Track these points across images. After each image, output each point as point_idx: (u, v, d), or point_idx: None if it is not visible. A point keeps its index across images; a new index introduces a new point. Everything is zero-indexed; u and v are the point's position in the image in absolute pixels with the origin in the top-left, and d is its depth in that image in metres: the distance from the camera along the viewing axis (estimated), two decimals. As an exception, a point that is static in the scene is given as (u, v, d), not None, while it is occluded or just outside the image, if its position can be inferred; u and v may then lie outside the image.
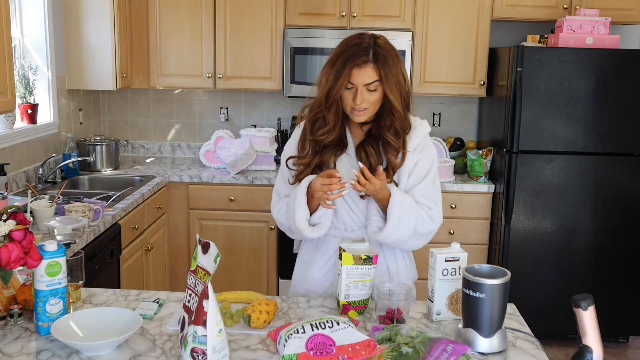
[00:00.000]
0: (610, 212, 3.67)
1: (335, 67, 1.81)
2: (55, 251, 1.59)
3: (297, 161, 1.94)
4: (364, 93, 1.81)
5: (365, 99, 1.81)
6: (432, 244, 2.00)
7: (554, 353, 3.63)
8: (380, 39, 1.84)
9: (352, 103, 1.83)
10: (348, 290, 1.76)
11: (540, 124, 3.59)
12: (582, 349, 1.39)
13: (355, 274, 1.75)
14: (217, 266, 1.35)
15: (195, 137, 4.47)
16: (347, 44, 1.84)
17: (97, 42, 3.67)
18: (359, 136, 1.95)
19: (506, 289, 1.54)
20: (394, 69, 1.81)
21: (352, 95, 1.82)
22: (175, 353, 1.52)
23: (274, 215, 2.03)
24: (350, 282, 1.75)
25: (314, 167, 1.91)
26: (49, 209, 2.58)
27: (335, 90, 1.81)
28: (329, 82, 1.82)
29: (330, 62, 1.85)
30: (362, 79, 1.80)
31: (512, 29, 4.21)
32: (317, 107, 1.88)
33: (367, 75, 1.79)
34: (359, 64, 1.78)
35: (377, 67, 1.79)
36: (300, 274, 2.08)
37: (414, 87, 4.00)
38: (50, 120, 3.61)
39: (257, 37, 3.98)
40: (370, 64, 1.79)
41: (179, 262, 3.91)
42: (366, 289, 1.77)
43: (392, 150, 1.89)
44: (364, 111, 1.84)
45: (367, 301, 1.79)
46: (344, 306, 1.77)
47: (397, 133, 1.88)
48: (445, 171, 3.83)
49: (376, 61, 1.79)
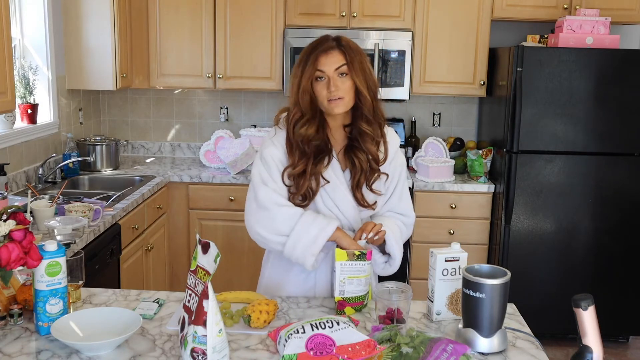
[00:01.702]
0: (610, 212, 3.67)
1: (302, 62, 1.86)
2: (55, 251, 1.59)
3: (292, 171, 1.89)
4: (337, 80, 1.83)
5: (338, 86, 1.83)
6: (432, 244, 2.01)
7: (554, 353, 3.63)
8: (343, 37, 1.90)
9: (327, 93, 1.83)
10: (343, 286, 1.77)
11: (540, 124, 3.59)
12: (582, 349, 1.39)
13: (349, 269, 1.77)
14: (217, 266, 1.35)
15: (195, 137, 4.47)
16: (312, 44, 1.89)
17: (97, 42, 3.67)
18: (340, 140, 1.96)
19: (506, 289, 1.54)
20: (359, 57, 1.86)
21: (326, 85, 1.84)
22: (175, 353, 1.52)
23: (252, 224, 1.90)
24: (344, 278, 1.76)
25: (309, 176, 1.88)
26: (49, 209, 2.58)
27: (306, 78, 1.84)
28: (297, 76, 1.86)
29: (297, 63, 1.90)
30: (330, 65, 1.83)
31: (512, 29, 4.21)
32: (293, 107, 1.90)
33: (334, 59, 1.83)
34: (325, 50, 1.84)
35: (342, 51, 1.84)
36: (277, 276, 2.04)
37: (414, 87, 4.00)
38: (50, 120, 3.61)
39: (257, 37, 3.98)
40: (336, 49, 1.84)
41: (179, 262, 3.91)
42: (362, 285, 1.78)
43: (369, 140, 1.91)
44: (339, 100, 1.84)
45: (363, 298, 1.79)
46: (340, 302, 1.77)
47: (368, 120, 1.90)
48: (445, 171, 3.83)
49: (340, 47, 1.85)
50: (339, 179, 1.93)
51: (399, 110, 4.37)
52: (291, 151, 1.90)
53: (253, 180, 1.93)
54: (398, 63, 3.90)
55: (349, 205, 1.93)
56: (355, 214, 1.95)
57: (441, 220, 3.82)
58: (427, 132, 4.39)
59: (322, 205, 1.92)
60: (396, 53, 3.90)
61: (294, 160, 1.89)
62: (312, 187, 1.89)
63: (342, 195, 1.92)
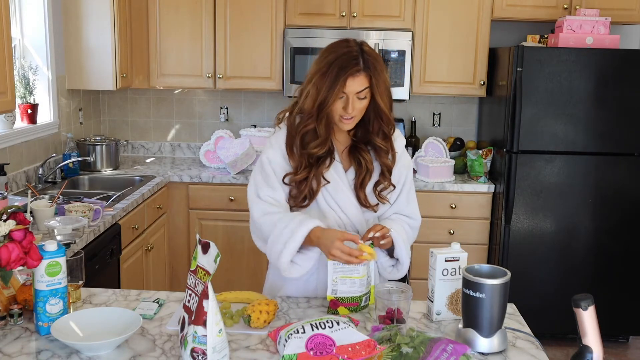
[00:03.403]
0: (610, 212, 3.67)
1: (328, 78, 1.78)
2: (55, 251, 1.59)
3: (294, 178, 1.89)
4: (355, 101, 1.81)
5: (355, 107, 1.81)
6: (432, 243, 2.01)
7: (554, 353, 3.63)
8: (365, 46, 1.84)
9: (342, 112, 1.82)
10: (335, 285, 1.77)
11: (540, 124, 3.59)
12: (582, 349, 1.39)
13: (341, 269, 1.76)
14: (217, 266, 1.35)
15: (195, 137, 4.47)
16: (336, 53, 1.81)
17: (97, 42, 3.67)
18: (342, 141, 1.96)
19: (506, 289, 1.54)
20: (382, 75, 1.82)
21: (343, 104, 1.81)
22: (175, 353, 1.52)
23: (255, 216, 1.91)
24: (337, 278, 1.76)
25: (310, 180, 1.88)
26: (49, 209, 2.58)
27: (330, 101, 1.79)
28: (321, 94, 1.79)
29: (319, 72, 1.81)
30: (355, 88, 1.79)
31: (512, 29, 4.21)
32: (307, 119, 1.84)
33: (359, 83, 1.79)
34: (353, 74, 1.77)
35: (368, 74, 1.79)
36: (280, 280, 2.02)
37: (414, 87, 4.01)
38: (50, 120, 3.61)
39: (257, 37, 3.98)
40: (362, 72, 1.78)
41: (179, 262, 3.91)
42: (356, 286, 1.77)
43: (383, 154, 1.92)
44: (352, 119, 1.84)
45: (359, 299, 1.79)
46: (332, 301, 1.77)
47: (385, 136, 1.91)
48: (445, 171, 3.83)
49: (367, 69, 1.79)
50: (342, 179, 1.93)
51: (399, 110, 4.36)
52: (291, 152, 1.90)
53: (249, 192, 1.97)
54: (398, 63, 3.90)
55: (351, 205, 1.94)
56: (358, 214, 1.95)
57: (441, 220, 3.82)
58: (427, 132, 4.39)
59: (325, 205, 1.93)
60: (396, 53, 3.90)
61: (296, 166, 1.89)
62: (312, 187, 1.89)
63: (344, 195, 1.92)
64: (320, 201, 1.92)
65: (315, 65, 1.85)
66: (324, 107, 1.80)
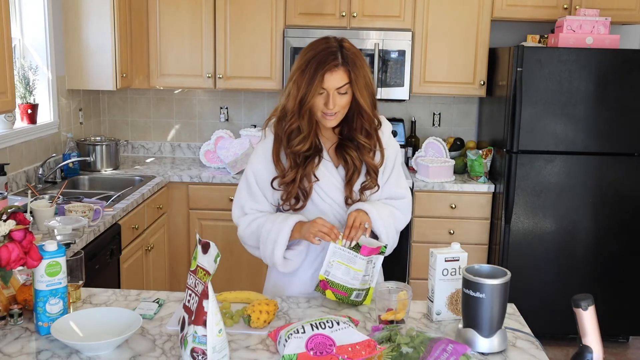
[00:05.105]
0: (610, 212, 3.67)
1: (306, 74, 1.79)
2: (55, 251, 1.59)
3: (282, 180, 1.90)
4: (336, 97, 1.81)
5: (336, 103, 1.81)
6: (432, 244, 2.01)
7: (554, 353, 3.63)
8: (345, 42, 1.85)
9: (324, 108, 1.82)
10: (330, 267, 1.79)
11: (540, 124, 3.59)
12: (582, 349, 1.39)
13: (339, 254, 1.80)
14: (217, 266, 1.35)
15: (195, 137, 4.47)
16: (315, 50, 1.82)
17: (97, 42, 3.67)
18: (330, 138, 1.96)
19: (506, 289, 1.54)
20: (362, 71, 1.82)
21: (324, 100, 1.81)
22: (175, 353, 1.52)
23: (240, 231, 1.99)
24: (333, 261, 1.79)
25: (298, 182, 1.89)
26: (49, 209, 2.58)
27: (309, 97, 1.80)
28: (301, 90, 1.80)
29: (299, 69, 1.83)
30: (333, 83, 1.79)
31: (512, 29, 4.21)
32: (290, 118, 1.85)
33: (338, 78, 1.79)
34: (331, 69, 1.78)
35: (347, 69, 1.80)
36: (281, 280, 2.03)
37: (414, 87, 4.01)
38: (50, 120, 3.61)
39: (257, 37, 3.98)
40: (341, 67, 1.79)
41: (179, 262, 3.91)
42: (349, 276, 1.79)
43: (367, 152, 1.92)
44: (334, 115, 1.84)
45: (349, 291, 1.80)
46: (322, 282, 1.79)
47: (368, 134, 1.91)
48: (445, 171, 3.83)
49: (346, 64, 1.79)
50: (333, 176, 1.94)
51: (399, 110, 4.37)
52: (278, 159, 1.90)
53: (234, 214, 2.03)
54: (398, 63, 3.91)
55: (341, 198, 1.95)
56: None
57: (441, 220, 3.82)
58: (427, 132, 4.39)
59: (322, 203, 1.94)
60: (396, 53, 3.90)
61: (283, 169, 1.89)
62: (304, 187, 1.90)
63: (338, 192, 1.94)
64: (317, 200, 1.93)
65: (295, 63, 1.87)
66: (304, 103, 1.81)
